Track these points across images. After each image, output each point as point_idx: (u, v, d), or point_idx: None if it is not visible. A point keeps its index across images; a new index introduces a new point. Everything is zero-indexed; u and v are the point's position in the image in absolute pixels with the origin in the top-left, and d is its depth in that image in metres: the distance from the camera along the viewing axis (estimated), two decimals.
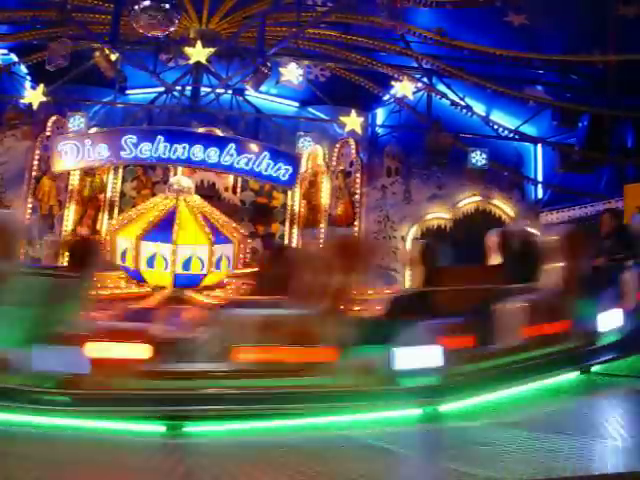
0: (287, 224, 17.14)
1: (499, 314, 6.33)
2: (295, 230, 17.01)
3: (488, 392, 5.81)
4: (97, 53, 14.77)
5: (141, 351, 4.97)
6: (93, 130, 16.11)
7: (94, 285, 6.56)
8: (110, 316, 7.50)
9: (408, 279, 8.53)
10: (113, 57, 14.99)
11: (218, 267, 13.84)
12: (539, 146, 18.87)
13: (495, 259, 9.04)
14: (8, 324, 4.81)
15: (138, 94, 17.97)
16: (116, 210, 16.55)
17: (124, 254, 13.59)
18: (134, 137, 15.33)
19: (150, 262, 13.61)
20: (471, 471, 3.70)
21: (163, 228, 13.70)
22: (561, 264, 6.84)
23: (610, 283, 7.56)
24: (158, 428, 4.58)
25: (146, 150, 15.30)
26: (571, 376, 6.50)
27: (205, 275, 13.75)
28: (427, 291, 7.87)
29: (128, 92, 17.86)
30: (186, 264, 13.43)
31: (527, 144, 18.82)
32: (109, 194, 16.65)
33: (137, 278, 13.85)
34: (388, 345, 5.54)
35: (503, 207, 17.43)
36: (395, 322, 6.39)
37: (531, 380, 6.17)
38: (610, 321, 7.02)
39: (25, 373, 4.59)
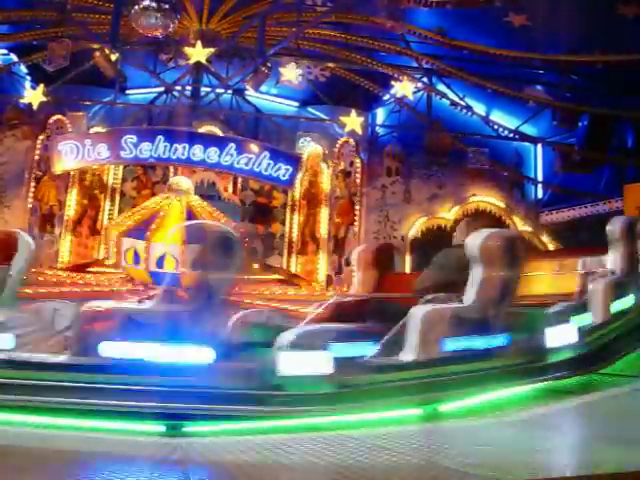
0: (287, 225, 17.15)
1: (411, 322, 5.60)
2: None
3: (382, 409, 5.18)
4: (97, 53, 14.75)
5: None
6: (93, 130, 16.11)
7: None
8: None
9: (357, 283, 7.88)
10: (113, 57, 14.98)
11: None
12: (539, 146, 18.87)
13: None
14: None
15: (138, 94, 17.96)
16: (116, 210, 16.56)
17: (162, 259, 13.55)
18: (134, 137, 15.33)
19: (128, 258, 13.62)
20: (471, 471, 3.69)
21: (144, 226, 13.67)
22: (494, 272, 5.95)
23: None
24: (157, 427, 4.57)
25: (146, 150, 15.30)
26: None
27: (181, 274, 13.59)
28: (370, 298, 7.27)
29: (128, 92, 17.85)
30: (159, 262, 13.32)
31: (527, 144, 18.82)
32: (108, 194, 16.65)
33: (169, 282, 13.74)
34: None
35: (503, 207, 17.44)
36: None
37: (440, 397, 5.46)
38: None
39: None
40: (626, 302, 7.16)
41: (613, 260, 7.33)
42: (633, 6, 13.89)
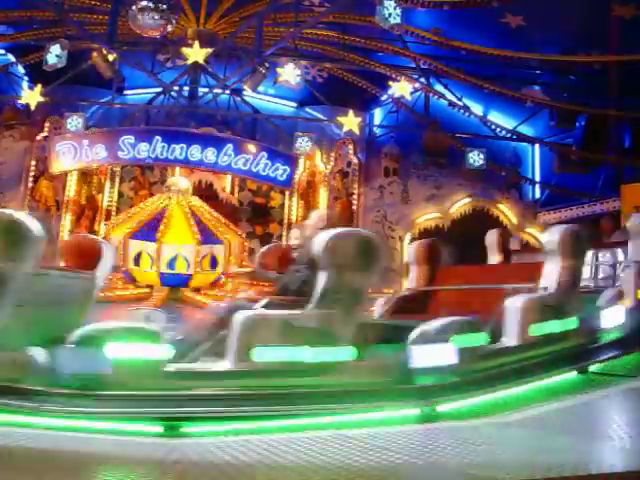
0: (285, 225, 17.17)
1: (510, 311, 6.10)
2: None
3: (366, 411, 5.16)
4: (95, 53, 14.77)
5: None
6: (91, 130, 16.11)
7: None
8: None
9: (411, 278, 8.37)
10: (111, 57, 15.00)
11: (214, 267, 13.85)
12: (536, 146, 18.91)
13: (494, 258, 9.03)
14: (25, 324, 4.78)
15: (136, 94, 17.96)
16: (114, 211, 16.57)
17: (174, 260, 13.62)
18: (132, 137, 15.35)
19: (136, 260, 13.66)
20: (470, 470, 3.70)
21: (151, 227, 13.73)
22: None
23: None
24: (155, 428, 4.57)
25: (144, 150, 15.31)
26: (569, 375, 6.49)
27: (192, 275, 13.72)
28: (430, 290, 7.89)
29: (126, 92, 17.86)
30: (171, 263, 13.41)
31: (525, 144, 18.86)
32: (107, 195, 16.66)
33: (179, 284, 13.82)
34: (401, 344, 5.38)
35: (501, 207, 17.46)
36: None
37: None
38: None
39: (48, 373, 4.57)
40: (555, 326, 6.37)
41: (548, 275, 6.59)
42: (629, 7, 13.93)
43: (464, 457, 4.05)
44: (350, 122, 15.95)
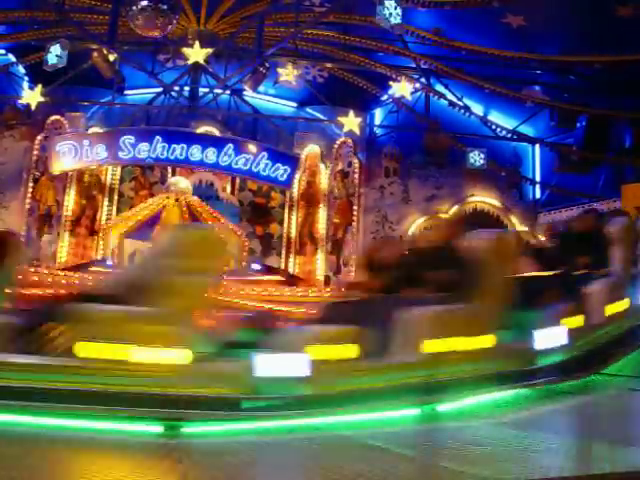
0: (285, 225, 17.18)
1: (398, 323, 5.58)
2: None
3: (365, 411, 5.06)
4: (95, 53, 14.76)
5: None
6: (91, 131, 16.12)
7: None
8: None
9: None
10: (111, 57, 14.98)
11: None
12: (537, 146, 18.89)
13: None
14: None
15: (136, 94, 17.97)
16: (114, 211, 16.58)
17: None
18: (132, 137, 15.35)
19: (131, 260, 13.62)
20: (469, 470, 3.70)
21: (146, 227, 13.69)
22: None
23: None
24: (155, 428, 4.57)
25: (144, 150, 15.32)
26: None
27: None
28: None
29: (126, 92, 17.86)
30: None
31: (525, 144, 18.85)
32: (107, 195, 16.67)
33: None
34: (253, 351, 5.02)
35: (501, 207, 17.45)
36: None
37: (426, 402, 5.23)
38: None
39: None
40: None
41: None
42: (630, 7, 13.92)
43: (462, 457, 4.05)
44: (350, 122, 15.96)
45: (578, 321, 6.70)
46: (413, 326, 5.46)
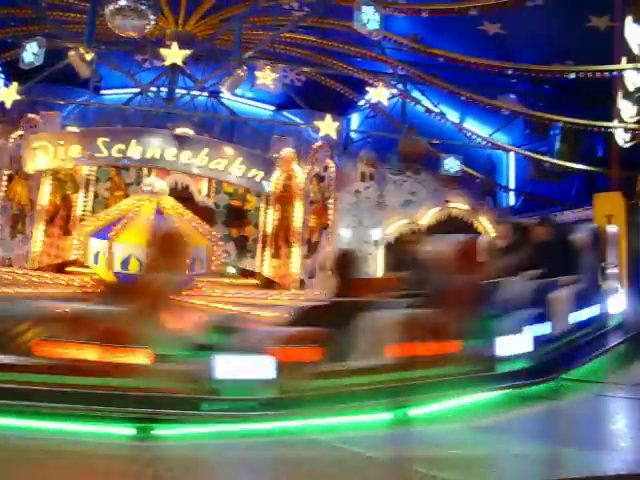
0: (261, 228, 17.17)
1: (362, 327, 5.67)
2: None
3: (325, 415, 5.08)
4: (72, 52, 14.66)
5: None
6: (67, 130, 16.00)
7: None
8: None
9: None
10: (88, 57, 14.89)
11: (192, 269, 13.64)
12: (511, 154, 19.08)
13: None
14: None
15: (113, 94, 17.91)
16: (89, 211, 16.46)
17: (127, 261, 13.31)
18: (108, 138, 15.23)
19: (95, 259, 13.50)
20: (439, 474, 3.74)
21: (111, 227, 13.56)
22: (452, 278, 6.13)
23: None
24: (127, 430, 4.56)
25: (120, 151, 15.22)
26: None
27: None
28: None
29: (103, 92, 17.80)
30: (124, 263, 13.17)
31: (500, 152, 19.02)
32: (82, 195, 16.55)
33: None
34: (213, 352, 5.01)
35: (476, 214, 17.55)
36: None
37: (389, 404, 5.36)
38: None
39: None
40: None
41: None
42: (603, 18, 14.13)
43: (433, 461, 4.09)
44: (327, 126, 15.95)
45: (544, 328, 6.78)
46: (379, 330, 5.49)
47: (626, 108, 14.05)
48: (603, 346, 7.68)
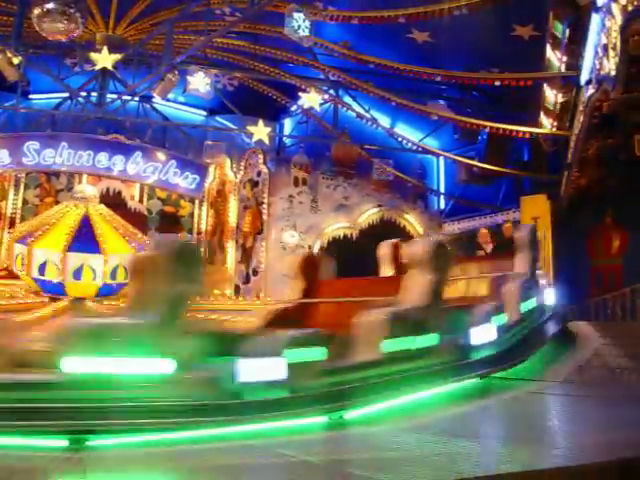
0: (195, 234, 17.07)
1: (357, 327, 5.93)
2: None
3: (337, 410, 5.41)
4: None
5: None
6: None
7: None
8: None
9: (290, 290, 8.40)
10: (15, 60, 14.60)
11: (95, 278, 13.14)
12: (441, 158, 19.42)
13: (386, 270, 9.21)
14: None
15: (42, 99, 17.57)
16: (18, 218, 16.03)
17: (43, 266, 12.87)
18: (37, 143, 14.96)
19: (77, 274, 12.87)
20: (374, 476, 3.75)
21: (87, 238, 13.07)
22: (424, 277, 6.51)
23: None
24: (60, 442, 4.47)
25: (49, 157, 14.96)
26: (472, 380, 6.75)
27: (62, 284, 13.02)
28: (307, 303, 7.96)
29: (31, 97, 17.44)
30: (41, 269, 12.82)
31: (430, 156, 19.33)
32: (10, 202, 16.13)
33: (53, 291, 13.07)
34: (233, 357, 5.05)
35: (407, 217, 17.81)
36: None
37: (392, 396, 5.83)
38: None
39: None
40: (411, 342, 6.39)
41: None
42: (527, 27, 14.57)
43: (370, 463, 4.13)
44: (260, 132, 16.00)
45: (502, 318, 7.36)
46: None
47: (547, 118, 14.70)
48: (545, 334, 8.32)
